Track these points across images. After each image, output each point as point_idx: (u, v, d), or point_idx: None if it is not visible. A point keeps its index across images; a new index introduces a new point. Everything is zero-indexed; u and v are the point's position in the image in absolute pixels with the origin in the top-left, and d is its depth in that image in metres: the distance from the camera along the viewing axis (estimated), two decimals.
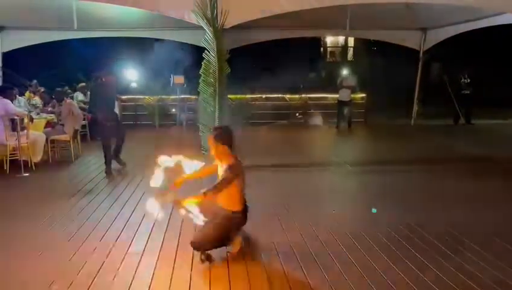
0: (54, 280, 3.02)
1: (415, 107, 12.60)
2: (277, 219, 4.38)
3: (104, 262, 3.34)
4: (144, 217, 4.34)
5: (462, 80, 12.78)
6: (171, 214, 4.08)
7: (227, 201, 3.36)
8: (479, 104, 12.73)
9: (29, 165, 6.48)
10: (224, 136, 3.38)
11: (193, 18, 6.66)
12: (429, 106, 14.21)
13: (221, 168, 3.42)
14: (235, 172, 3.29)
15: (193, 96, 11.59)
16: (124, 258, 3.43)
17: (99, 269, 3.21)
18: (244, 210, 3.43)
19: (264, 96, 13.78)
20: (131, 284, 3.01)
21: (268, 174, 6.51)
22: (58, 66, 15.84)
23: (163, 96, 12.76)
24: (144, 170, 5.95)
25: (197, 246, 3.31)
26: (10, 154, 6.34)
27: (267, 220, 4.33)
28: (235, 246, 3.47)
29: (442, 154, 8.35)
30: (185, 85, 8.12)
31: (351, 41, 29.03)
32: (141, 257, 3.44)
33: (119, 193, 5.29)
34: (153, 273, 3.16)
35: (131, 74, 15.10)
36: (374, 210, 4.47)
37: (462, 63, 14.98)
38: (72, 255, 3.46)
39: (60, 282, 3.00)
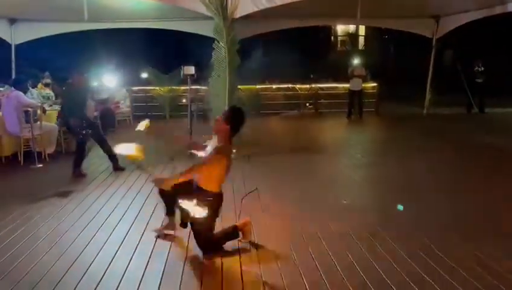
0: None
1: (428, 96, 12.45)
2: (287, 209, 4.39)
3: (117, 249, 3.40)
4: (155, 207, 4.38)
5: (476, 68, 12.58)
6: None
7: (206, 180, 3.32)
8: (492, 93, 12.53)
9: (43, 157, 6.57)
10: (235, 118, 3.37)
11: (203, 8, 6.65)
12: (442, 94, 14.02)
13: (210, 147, 3.42)
14: (223, 153, 3.28)
15: (204, 87, 11.61)
16: (138, 244, 3.48)
17: (114, 256, 3.27)
18: (220, 195, 3.42)
19: (274, 86, 13.73)
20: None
21: (277, 164, 6.53)
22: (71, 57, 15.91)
23: (174, 87, 12.79)
24: (155, 160, 6.01)
25: (206, 244, 3.32)
26: (24, 145, 6.44)
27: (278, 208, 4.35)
28: (245, 235, 3.50)
29: (456, 144, 8.26)
30: (196, 76, 8.09)
31: (362, 29, 28.67)
32: (154, 244, 3.49)
33: (131, 183, 5.33)
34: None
35: (141, 66, 15.10)
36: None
37: (476, 51, 14.74)
38: (86, 244, 3.52)
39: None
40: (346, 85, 12.28)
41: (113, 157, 5.99)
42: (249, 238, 3.53)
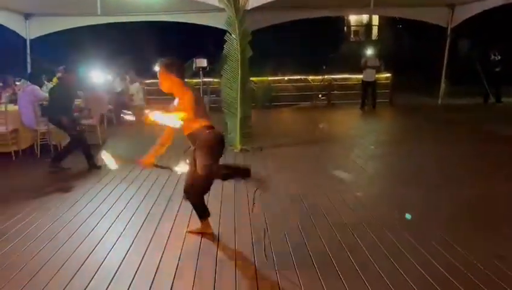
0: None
1: (443, 86, 12.28)
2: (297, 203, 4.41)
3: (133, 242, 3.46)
4: (169, 201, 4.44)
5: (492, 57, 12.34)
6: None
7: (189, 125, 3.16)
8: (509, 82, 12.28)
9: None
10: (175, 67, 3.23)
11: (215, 0, 6.64)
12: (457, 84, 13.81)
13: (174, 106, 3.28)
14: (191, 99, 3.13)
15: (216, 79, 11.62)
16: (153, 236, 3.54)
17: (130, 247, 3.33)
18: (214, 128, 3.27)
19: (286, 77, 13.68)
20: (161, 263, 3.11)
21: (289, 155, 6.53)
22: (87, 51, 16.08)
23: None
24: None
25: (189, 188, 3.34)
26: (40, 139, 6.55)
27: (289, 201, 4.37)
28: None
29: (471, 135, 8.15)
30: (208, 68, 8.13)
31: (375, 19, 28.33)
32: (170, 234, 3.53)
33: (146, 175, 5.38)
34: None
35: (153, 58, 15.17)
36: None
37: (492, 39, 14.45)
38: (104, 233, 3.59)
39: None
40: (360, 76, 12.18)
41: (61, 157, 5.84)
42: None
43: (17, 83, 8.32)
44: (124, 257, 3.17)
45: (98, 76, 9.37)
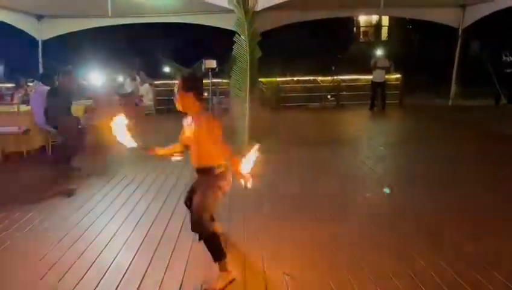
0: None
1: (453, 87, 12.18)
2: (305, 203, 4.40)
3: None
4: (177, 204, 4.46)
5: (504, 58, 12.23)
6: None
7: (206, 158, 2.87)
8: None
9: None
10: (193, 83, 2.95)
11: (225, 1, 6.67)
12: (468, 85, 13.68)
13: (189, 126, 2.96)
14: (214, 122, 2.84)
15: (225, 80, 11.66)
16: (164, 232, 3.56)
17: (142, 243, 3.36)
18: (226, 167, 2.91)
19: (295, 78, 13.68)
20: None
21: (298, 156, 6.53)
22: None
23: None
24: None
25: (195, 219, 2.76)
26: (52, 139, 6.64)
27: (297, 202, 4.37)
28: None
29: (482, 137, 8.07)
30: (217, 69, 8.16)
31: (385, 20, 28.19)
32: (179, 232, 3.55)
33: (155, 176, 5.42)
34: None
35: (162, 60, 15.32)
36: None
37: (504, 40, 14.30)
38: (114, 233, 3.62)
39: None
40: (369, 77, 12.13)
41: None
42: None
43: (30, 84, 8.44)
44: (132, 259, 3.20)
45: (98, 78, 9.43)
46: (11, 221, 3.92)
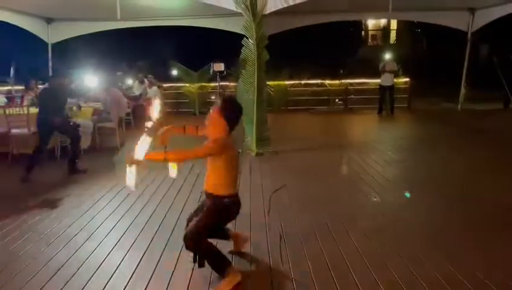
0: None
1: (463, 91, 12.08)
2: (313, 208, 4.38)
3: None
4: (182, 210, 4.45)
5: None
6: None
7: (213, 183, 2.84)
8: None
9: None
10: (229, 109, 2.78)
11: (232, 5, 6.68)
12: (478, 89, 13.56)
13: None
14: (221, 146, 2.73)
15: (233, 84, 11.68)
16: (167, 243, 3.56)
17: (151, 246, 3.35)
18: (236, 197, 2.90)
19: (302, 82, 13.66)
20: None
21: (305, 160, 6.51)
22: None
23: (204, 84, 12.96)
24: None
25: (188, 237, 2.70)
26: (60, 141, 6.68)
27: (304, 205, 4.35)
28: (236, 245, 3.18)
29: (491, 141, 7.98)
30: (225, 72, 8.19)
31: (393, 23, 28.11)
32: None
33: (162, 179, 5.43)
34: None
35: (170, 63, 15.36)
36: (407, 195, 4.33)
37: None
38: (124, 231, 3.63)
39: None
40: (377, 80, 12.09)
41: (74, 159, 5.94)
42: (239, 249, 3.19)
43: (39, 86, 8.51)
44: (139, 263, 3.20)
45: (92, 80, 9.45)
46: (18, 222, 3.95)
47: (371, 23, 28.99)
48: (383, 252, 3.27)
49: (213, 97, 12.60)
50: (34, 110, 6.72)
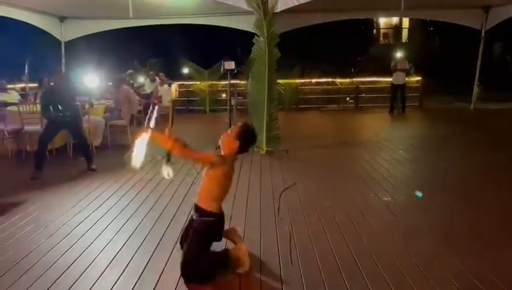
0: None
1: (475, 90, 11.93)
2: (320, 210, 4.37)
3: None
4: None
5: None
6: None
7: (203, 195, 2.95)
8: None
9: (90, 149, 6.84)
10: (245, 137, 2.91)
11: (244, 3, 6.69)
12: (491, 89, 13.38)
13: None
14: (222, 161, 2.88)
15: (243, 82, 11.69)
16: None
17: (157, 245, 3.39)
18: (220, 217, 3.00)
19: (313, 80, 13.63)
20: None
21: (316, 159, 6.50)
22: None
23: (214, 82, 12.99)
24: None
25: (186, 270, 2.80)
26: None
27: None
28: (242, 267, 2.95)
29: (505, 142, 7.88)
30: (236, 70, 8.19)
31: (405, 22, 27.84)
32: None
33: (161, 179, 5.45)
34: None
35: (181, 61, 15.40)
36: (419, 194, 4.34)
37: None
38: (135, 228, 3.67)
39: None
40: (389, 79, 12.00)
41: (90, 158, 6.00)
42: (246, 268, 2.94)
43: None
44: (149, 259, 3.23)
45: (93, 80, 9.52)
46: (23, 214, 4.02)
47: (382, 21, 28.75)
48: (392, 251, 3.26)
49: (224, 95, 12.63)
50: None
